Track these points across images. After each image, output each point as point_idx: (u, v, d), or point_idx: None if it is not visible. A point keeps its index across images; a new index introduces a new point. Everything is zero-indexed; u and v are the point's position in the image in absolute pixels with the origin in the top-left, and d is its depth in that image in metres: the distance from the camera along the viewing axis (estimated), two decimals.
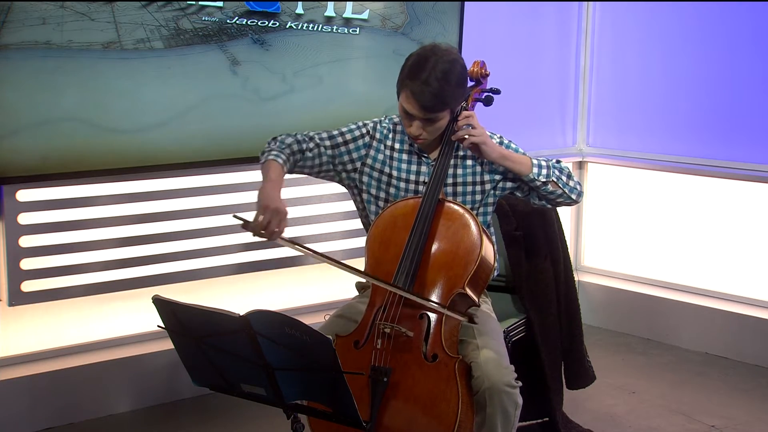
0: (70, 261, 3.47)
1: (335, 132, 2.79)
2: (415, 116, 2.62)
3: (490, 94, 3.05)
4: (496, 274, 2.79)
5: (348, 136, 2.78)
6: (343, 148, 2.77)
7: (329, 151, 2.75)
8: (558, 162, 2.83)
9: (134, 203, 3.58)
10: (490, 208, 2.81)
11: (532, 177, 2.72)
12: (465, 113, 2.71)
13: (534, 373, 3.18)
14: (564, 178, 2.77)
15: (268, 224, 2.48)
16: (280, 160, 2.64)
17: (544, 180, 2.73)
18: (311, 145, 2.73)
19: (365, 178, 2.79)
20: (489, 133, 2.80)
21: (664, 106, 4.62)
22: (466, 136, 2.66)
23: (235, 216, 2.51)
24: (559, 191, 2.77)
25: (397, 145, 2.78)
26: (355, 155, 2.78)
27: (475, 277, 2.58)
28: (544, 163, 2.75)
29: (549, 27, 4.77)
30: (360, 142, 2.78)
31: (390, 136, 2.79)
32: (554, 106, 4.87)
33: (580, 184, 2.84)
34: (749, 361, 4.21)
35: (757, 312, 4.24)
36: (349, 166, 2.79)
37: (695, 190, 4.51)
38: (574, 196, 2.81)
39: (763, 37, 4.23)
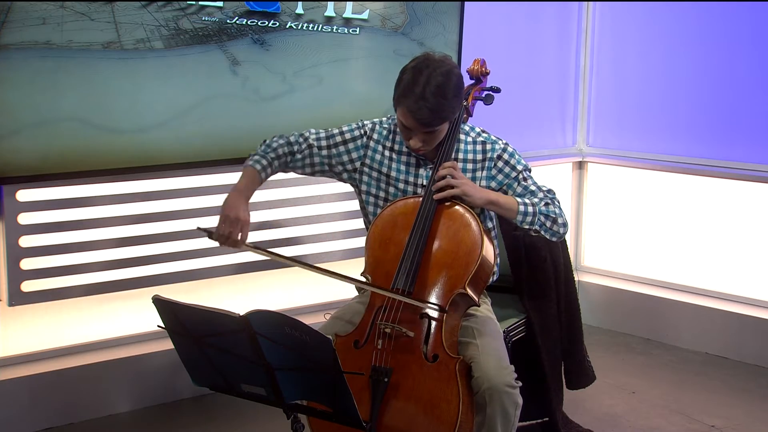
0: (70, 261, 3.47)
1: (335, 131, 2.79)
2: (414, 130, 2.61)
3: (491, 92, 3.05)
4: (495, 276, 2.79)
5: (347, 136, 2.78)
6: (341, 148, 2.77)
7: (324, 152, 2.76)
8: (549, 193, 2.76)
9: (134, 203, 3.58)
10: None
11: (516, 224, 2.71)
12: (445, 164, 2.65)
13: (534, 373, 3.18)
14: (548, 224, 2.71)
15: (230, 234, 2.56)
16: (259, 167, 2.68)
17: (527, 228, 2.71)
18: (303, 146, 2.74)
19: (365, 178, 2.79)
20: (494, 138, 2.79)
21: (664, 106, 4.62)
22: (447, 188, 2.62)
23: (199, 228, 2.60)
24: (540, 233, 2.74)
25: (396, 147, 2.78)
26: (354, 155, 2.78)
27: (476, 277, 2.58)
28: (530, 210, 2.69)
29: (549, 27, 4.77)
30: (358, 142, 2.78)
31: (389, 137, 2.79)
32: (554, 106, 4.87)
33: (565, 225, 2.76)
34: (749, 361, 4.20)
35: (757, 312, 4.24)
36: (349, 166, 2.79)
37: (695, 190, 4.51)
38: (554, 239, 2.79)
39: (763, 37, 4.23)
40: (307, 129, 2.80)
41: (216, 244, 2.60)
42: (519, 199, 2.69)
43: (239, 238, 2.56)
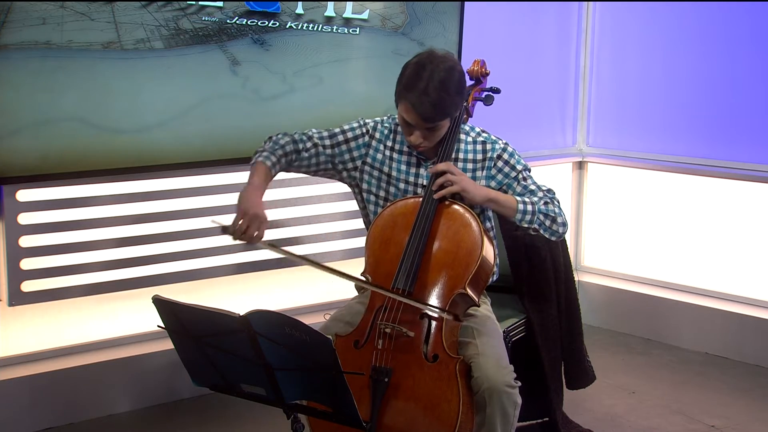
0: (70, 261, 3.47)
1: (336, 130, 2.79)
2: (415, 126, 2.61)
3: (491, 93, 3.05)
4: (495, 276, 2.79)
5: (349, 135, 2.78)
6: (344, 147, 2.77)
7: (328, 150, 2.75)
8: (549, 192, 2.76)
9: (134, 203, 3.58)
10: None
11: (515, 222, 2.71)
12: (441, 165, 2.65)
13: (534, 373, 3.17)
14: (547, 223, 2.72)
15: (248, 229, 2.51)
16: (269, 163, 2.65)
17: (526, 226, 2.71)
18: (309, 144, 2.73)
19: (366, 177, 2.79)
20: (494, 138, 2.79)
21: (664, 106, 4.62)
22: (446, 184, 2.62)
23: (213, 221, 2.55)
24: (540, 232, 2.74)
25: (397, 146, 2.78)
26: (355, 153, 2.78)
27: (476, 277, 2.58)
28: (530, 208, 2.69)
29: (549, 27, 4.77)
30: (360, 141, 2.78)
31: (391, 136, 2.79)
32: (554, 106, 4.87)
33: (564, 224, 2.76)
34: (749, 361, 4.20)
35: (757, 312, 4.24)
36: (350, 165, 2.79)
37: (695, 190, 4.50)
38: (554, 238, 2.79)
39: (763, 37, 4.23)
40: (309, 129, 2.79)
41: (227, 239, 2.54)
42: (518, 198, 2.69)
43: (256, 234, 2.52)
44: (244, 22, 3.58)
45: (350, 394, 2.09)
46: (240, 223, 2.51)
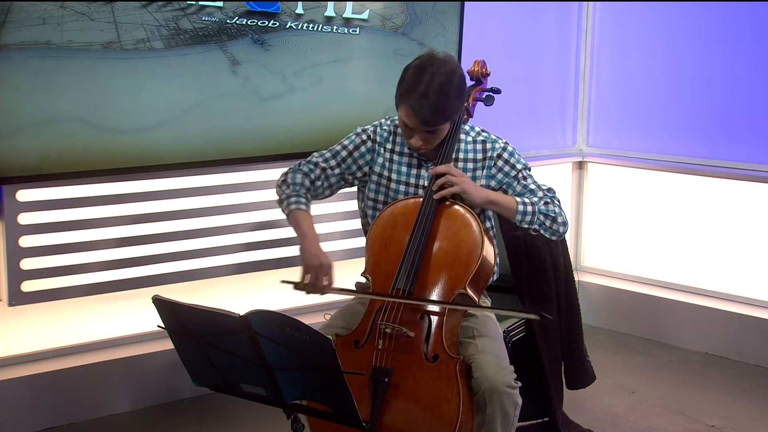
0: (70, 261, 3.47)
1: (338, 147, 2.79)
2: (415, 129, 2.61)
3: (491, 93, 3.05)
4: (495, 276, 2.79)
5: (350, 147, 2.79)
6: (349, 160, 2.78)
7: (336, 170, 2.77)
8: (549, 192, 2.76)
9: (134, 203, 3.58)
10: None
11: (515, 223, 2.71)
12: (441, 167, 2.65)
13: (534, 373, 3.18)
14: (548, 223, 2.72)
15: (317, 281, 2.57)
16: (304, 207, 2.70)
17: (527, 227, 2.71)
18: (317, 172, 2.76)
19: (371, 185, 2.80)
20: (494, 137, 2.80)
21: (664, 106, 4.62)
22: (446, 185, 2.63)
23: (283, 281, 2.62)
24: (540, 232, 2.74)
25: (397, 148, 2.78)
26: (361, 162, 2.79)
27: (477, 277, 2.58)
28: (530, 209, 2.69)
29: (549, 27, 4.77)
30: (363, 148, 2.79)
31: (390, 138, 2.79)
32: (554, 106, 4.87)
33: (565, 224, 2.76)
34: (749, 361, 4.20)
35: (757, 312, 4.24)
36: (359, 174, 2.80)
37: (695, 190, 4.50)
38: (554, 238, 2.79)
39: (763, 37, 4.23)
40: (311, 155, 2.81)
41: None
42: (518, 199, 2.69)
43: (326, 284, 2.58)
44: (244, 22, 3.58)
45: (350, 394, 2.09)
46: (309, 277, 2.58)
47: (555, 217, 2.72)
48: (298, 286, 2.60)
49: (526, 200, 2.70)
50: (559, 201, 2.76)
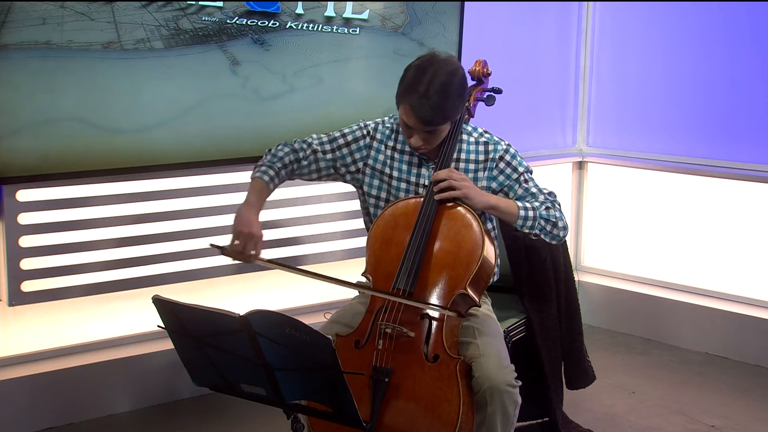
0: (70, 261, 3.47)
1: (336, 134, 2.78)
2: (415, 129, 2.61)
3: (492, 93, 3.05)
4: (496, 277, 2.79)
5: (349, 137, 2.78)
6: (345, 150, 2.77)
7: (329, 155, 2.76)
8: (550, 196, 2.76)
9: (134, 203, 3.58)
10: None
11: (516, 227, 2.71)
12: (443, 172, 2.64)
13: (534, 373, 3.17)
14: (548, 228, 2.71)
15: (244, 248, 2.53)
16: (267, 178, 2.67)
17: (527, 231, 2.71)
18: (308, 152, 2.74)
19: (367, 179, 2.79)
20: (497, 139, 2.79)
21: (664, 106, 4.62)
22: (449, 190, 2.62)
23: (212, 245, 2.57)
24: (540, 237, 2.74)
25: (398, 146, 2.78)
26: (357, 156, 2.78)
27: (477, 277, 2.58)
28: (531, 214, 2.68)
29: (549, 27, 4.77)
30: (361, 142, 2.78)
31: (392, 136, 2.79)
32: (554, 106, 4.87)
33: (565, 228, 2.75)
34: (749, 361, 4.21)
35: (757, 312, 4.24)
36: (352, 167, 2.79)
37: (695, 190, 4.51)
38: (554, 242, 2.79)
39: (763, 37, 4.23)
40: (309, 135, 2.79)
41: (229, 259, 2.58)
42: (519, 204, 2.69)
43: (252, 253, 2.55)
44: (244, 22, 3.58)
45: (350, 394, 2.09)
46: (236, 243, 2.54)
47: (556, 222, 2.72)
48: (224, 251, 2.55)
49: (528, 205, 2.69)
50: (559, 205, 2.76)
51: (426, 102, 2.54)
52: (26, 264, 3.38)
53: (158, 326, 2.24)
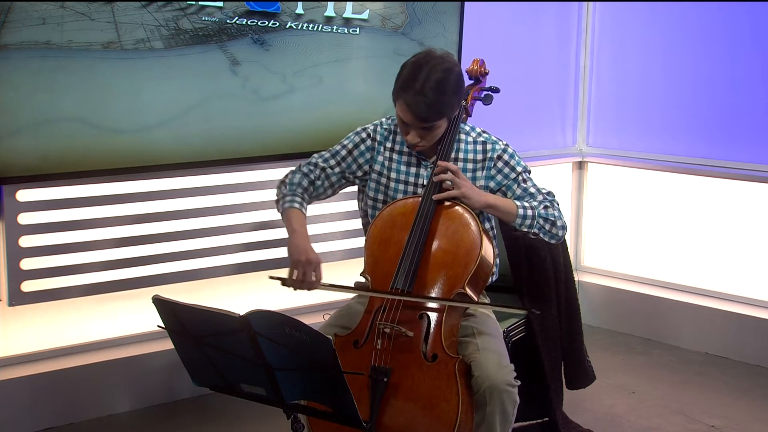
0: (70, 261, 3.47)
1: (337, 146, 2.80)
2: (411, 125, 2.62)
3: (490, 92, 3.05)
4: (495, 276, 2.79)
5: (350, 146, 2.80)
6: (349, 159, 2.79)
7: (336, 168, 2.78)
8: (549, 195, 2.76)
9: (134, 203, 3.58)
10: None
11: (515, 227, 2.71)
12: (441, 164, 2.65)
13: (534, 373, 3.17)
14: (547, 227, 2.72)
15: (305, 276, 2.58)
16: (297, 205, 2.72)
17: (526, 230, 2.71)
18: (317, 172, 2.77)
19: (371, 183, 2.80)
20: (495, 138, 2.80)
21: (664, 106, 4.62)
22: (446, 186, 2.63)
23: (271, 277, 2.64)
24: (539, 236, 2.74)
25: (396, 147, 2.78)
26: (361, 160, 2.79)
27: (475, 276, 2.58)
28: (529, 213, 2.69)
29: (549, 27, 4.77)
30: (362, 147, 2.79)
31: (390, 137, 2.80)
32: (554, 106, 4.87)
33: (564, 227, 2.76)
34: (749, 361, 4.20)
35: (757, 312, 4.24)
36: (359, 173, 2.80)
37: (695, 190, 4.50)
38: (553, 242, 2.80)
39: (763, 37, 4.23)
40: (312, 156, 2.83)
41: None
42: (518, 203, 2.69)
43: (314, 279, 2.59)
44: (244, 22, 3.58)
45: (350, 394, 2.09)
46: (296, 273, 2.59)
47: (554, 221, 2.72)
48: (286, 282, 2.61)
49: (526, 204, 2.70)
50: (558, 204, 2.76)
51: (422, 99, 2.54)
52: (26, 264, 3.38)
53: (158, 326, 2.25)
